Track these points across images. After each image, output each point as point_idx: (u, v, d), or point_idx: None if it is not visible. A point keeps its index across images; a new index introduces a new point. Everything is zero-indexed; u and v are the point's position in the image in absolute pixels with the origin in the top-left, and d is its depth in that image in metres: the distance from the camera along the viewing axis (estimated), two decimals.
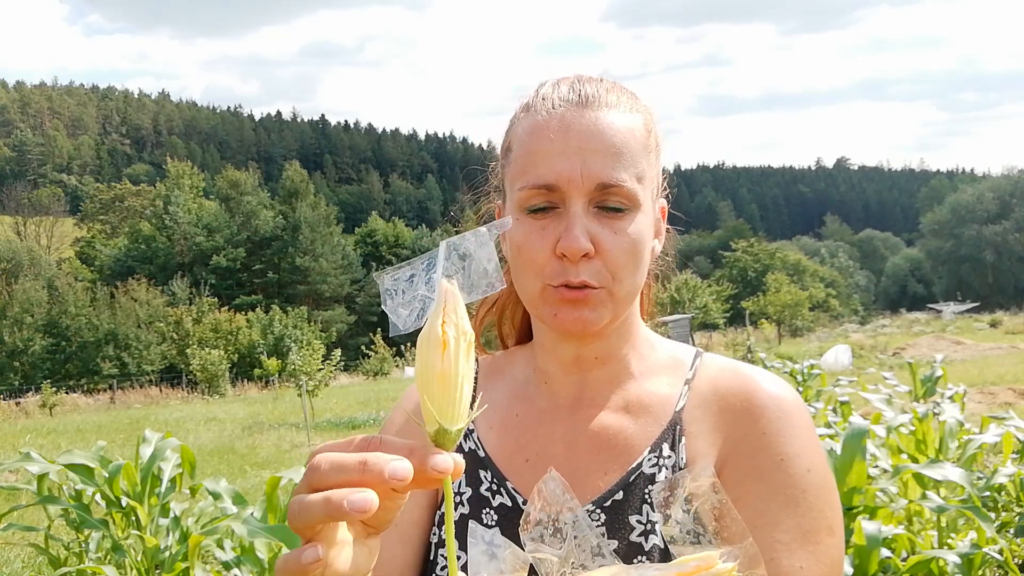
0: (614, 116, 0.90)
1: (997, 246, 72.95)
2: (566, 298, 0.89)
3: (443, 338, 0.58)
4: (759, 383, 0.93)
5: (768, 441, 0.89)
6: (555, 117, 0.90)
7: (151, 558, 4.37)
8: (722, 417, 0.93)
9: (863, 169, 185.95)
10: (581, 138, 0.88)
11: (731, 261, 62.02)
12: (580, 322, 0.89)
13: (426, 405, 0.59)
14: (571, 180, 0.87)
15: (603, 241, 0.88)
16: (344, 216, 74.53)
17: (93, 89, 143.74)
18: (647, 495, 0.90)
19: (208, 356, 30.67)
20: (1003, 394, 12.84)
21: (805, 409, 0.93)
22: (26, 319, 39.69)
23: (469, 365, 0.59)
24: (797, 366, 12.84)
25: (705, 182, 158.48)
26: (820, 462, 0.89)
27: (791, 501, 0.86)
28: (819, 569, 0.84)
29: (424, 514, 1.00)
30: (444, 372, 0.58)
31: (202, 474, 6.41)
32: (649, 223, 0.93)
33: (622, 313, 0.93)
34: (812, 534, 0.85)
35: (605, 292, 0.89)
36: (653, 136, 0.94)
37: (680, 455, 0.92)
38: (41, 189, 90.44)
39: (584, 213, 0.88)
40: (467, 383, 0.59)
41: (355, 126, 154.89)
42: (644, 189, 0.91)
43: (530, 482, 0.94)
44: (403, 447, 0.57)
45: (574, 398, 0.98)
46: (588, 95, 0.91)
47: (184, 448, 4.76)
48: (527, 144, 0.91)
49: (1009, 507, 4.84)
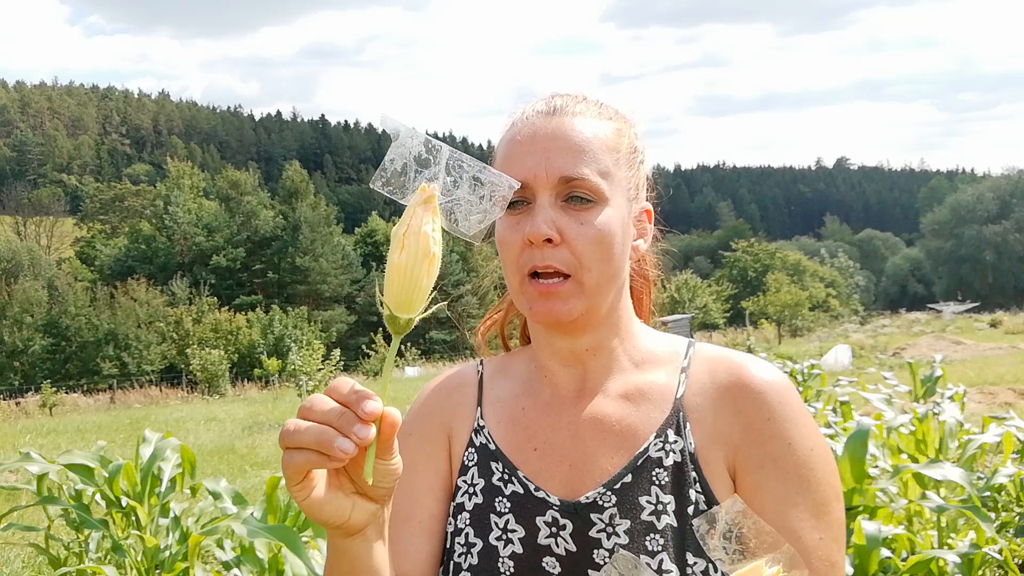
0: (578, 121, 1.00)
1: (997, 246, 73.00)
2: (538, 290, 0.97)
3: (403, 240, 0.68)
4: (752, 370, 1.00)
5: (774, 427, 0.97)
6: (527, 126, 1.00)
7: (151, 558, 4.37)
8: (723, 405, 0.99)
9: (863, 169, 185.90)
10: (546, 140, 0.98)
11: (731, 261, 62.06)
12: (552, 313, 0.97)
13: (385, 295, 0.70)
14: (536, 176, 0.97)
15: (568, 231, 0.96)
16: (344, 216, 74.47)
17: (93, 89, 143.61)
18: (655, 477, 0.96)
19: (208, 356, 30.72)
20: (1003, 394, 12.84)
21: (796, 390, 1.01)
22: (26, 319, 39.70)
23: (429, 268, 0.70)
24: (797, 366, 12.82)
25: (705, 182, 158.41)
26: (818, 438, 0.98)
27: (803, 481, 0.95)
28: (833, 534, 0.95)
29: (441, 506, 1.06)
30: (398, 265, 0.68)
31: (202, 474, 6.41)
32: (619, 218, 0.99)
33: (598, 304, 1.00)
34: (824, 506, 0.95)
35: (574, 282, 0.96)
36: (626, 140, 1.02)
37: (688, 440, 0.98)
38: (41, 189, 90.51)
39: (550, 205, 0.96)
40: (425, 279, 0.69)
41: (355, 126, 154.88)
42: (611, 185, 0.98)
43: (539, 469, 1.02)
44: (346, 391, 0.73)
45: (576, 389, 1.05)
46: (557, 106, 1.01)
47: (184, 448, 4.75)
48: (503, 152, 1.02)
49: (1009, 507, 4.84)
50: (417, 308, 0.70)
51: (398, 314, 0.69)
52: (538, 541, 0.98)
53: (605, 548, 0.95)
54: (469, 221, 0.72)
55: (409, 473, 1.07)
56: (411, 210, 0.69)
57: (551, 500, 0.99)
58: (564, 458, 1.01)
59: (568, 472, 1.00)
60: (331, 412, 0.72)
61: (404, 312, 0.69)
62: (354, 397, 0.72)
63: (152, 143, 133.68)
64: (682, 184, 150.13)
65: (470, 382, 1.12)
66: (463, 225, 0.72)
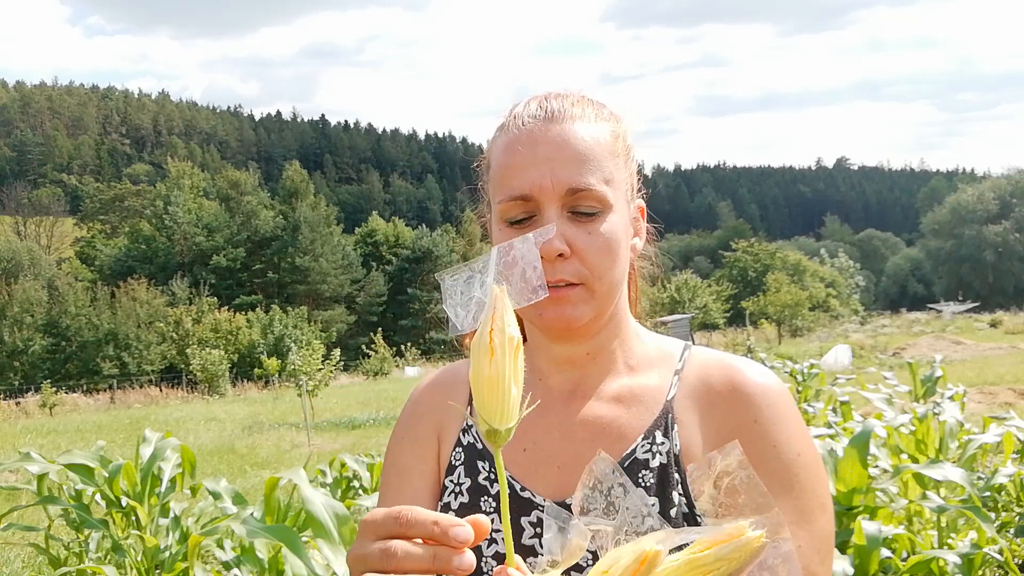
0: (578, 127, 0.97)
1: (997, 246, 72.91)
2: (549, 297, 0.93)
3: (491, 344, 0.64)
4: (746, 373, 0.99)
5: (760, 429, 0.95)
6: (524, 133, 0.98)
7: (151, 558, 4.36)
8: (713, 406, 0.99)
9: (863, 169, 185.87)
10: (548, 149, 0.96)
11: (731, 261, 62.01)
12: (563, 319, 0.96)
13: (478, 407, 0.65)
14: (543, 188, 0.95)
15: (578, 243, 0.94)
16: (344, 216, 74.49)
17: (93, 89, 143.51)
18: (640, 479, 0.95)
19: (208, 356, 30.70)
20: (1003, 394, 12.84)
21: (790, 396, 0.99)
22: (26, 319, 39.67)
23: (517, 367, 0.65)
24: (797, 366, 12.82)
25: (705, 182, 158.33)
26: (808, 445, 0.96)
27: (786, 485, 0.92)
28: (815, 545, 0.92)
29: (430, 508, 1.03)
30: (491, 376, 0.64)
31: (202, 474, 6.41)
32: (623, 222, 0.99)
33: (605, 309, 0.99)
34: (807, 514, 0.92)
35: (584, 289, 0.95)
36: (621, 141, 1.01)
37: (674, 442, 0.97)
38: (41, 189, 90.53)
39: (558, 218, 0.94)
40: (515, 384, 0.65)
41: (355, 126, 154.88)
42: (614, 191, 0.97)
43: (527, 470, 1.01)
44: (429, 519, 0.64)
45: (568, 391, 1.04)
46: (554, 110, 0.99)
47: (184, 448, 4.75)
48: (501, 160, 0.99)
49: (1009, 507, 4.83)
50: (512, 412, 0.65)
51: (499, 427, 0.65)
52: (522, 541, 0.97)
53: (589, 550, 0.94)
54: (521, 296, 0.68)
55: (399, 477, 1.07)
56: (487, 317, 0.65)
57: (537, 500, 0.98)
58: (553, 459, 1.00)
59: (556, 473, 0.99)
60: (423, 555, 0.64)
61: (503, 423, 0.65)
62: (439, 530, 0.64)
63: (152, 143, 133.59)
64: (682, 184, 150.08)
65: (462, 380, 1.11)
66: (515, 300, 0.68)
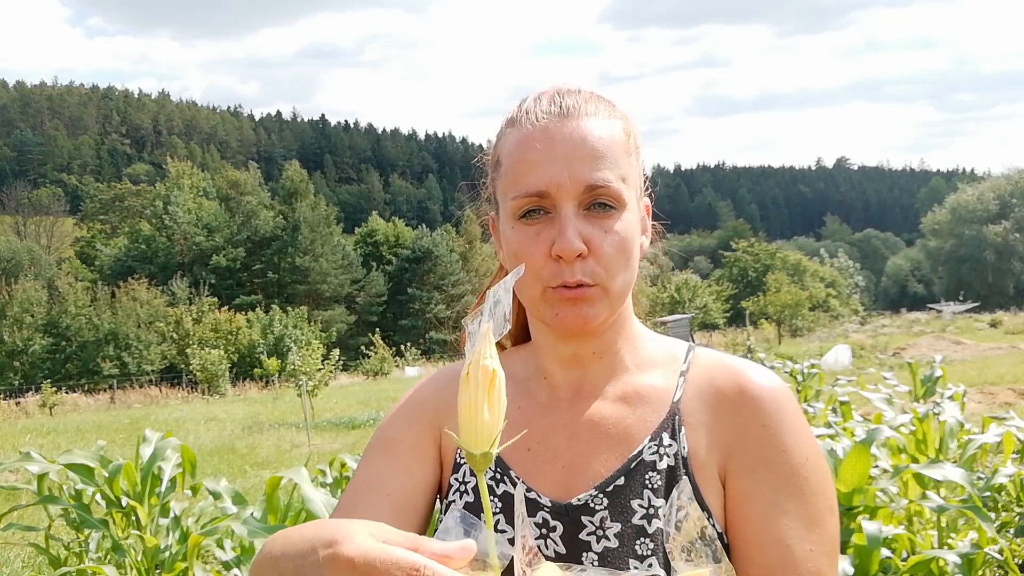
0: (594, 124, 0.96)
1: (997, 246, 72.89)
2: (565, 297, 0.94)
3: (466, 376, 0.70)
4: (752, 376, 0.99)
5: (769, 433, 0.95)
6: (539, 129, 0.96)
7: (151, 558, 4.36)
8: (720, 409, 0.98)
9: (863, 169, 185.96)
10: (566, 146, 0.94)
11: (731, 261, 62.06)
12: (580, 319, 0.95)
13: (459, 432, 0.71)
14: (560, 185, 0.93)
15: (594, 240, 0.94)
16: (344, 216, 74.49)
17: (93, 89, 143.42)
18: (647, 481, 0.95)
19: (208, 356, 30.68)
20: (1003, 394, 12.84)
21: (795, 399, 1.00)
22: (26, 319, 39.66)
23: (493, 397, 0.70)
24: (797, 366, 12.83)
25: (705, 182, 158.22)
26: (815, 448, 0.96)
27: (796, 490, 0.93)
28: (825, 548, 0.92)
29: (415, 487, 1.02)
30: (466, 404, 0.70)
31: (202, 474, 6.41)
32: (636, 220, 0.99)
33: (618, 308, 0.99)
34: (818, 518, 0.92)
35: (600, 289, 0.95)
36: (632, 139, 1.01)
37: (682, 444, 0.97)
38: (41, 189, 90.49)
39: (575, 216, 0.94)
40: (493, 414, 0.70)
41: (355, 126, 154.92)
42: (628, 189, 0.97)
43: (532, 470, 1.00)
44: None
45: (573, 391, 1.04)
46: (568, 106, 0.97)
47: (184, 448, 4.75)
48: (516, 156, 0.97)
49: (1009, 507, 4.83)
50: (486, 439, 0.71)
51: (473, 451, 0.70)
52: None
53: (595, 552, 0.93)
54: (497, 330, 0.73)
55: (386, 449, 1.05)
56: (472, 352, 0.71)
57: (542, 501, 0.97)
58: (558, 459, 1.00)
59: (561, 473, 0.98)
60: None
61: (477, 447, 0.70)
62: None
63: (152, 143, 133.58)
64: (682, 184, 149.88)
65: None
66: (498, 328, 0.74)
